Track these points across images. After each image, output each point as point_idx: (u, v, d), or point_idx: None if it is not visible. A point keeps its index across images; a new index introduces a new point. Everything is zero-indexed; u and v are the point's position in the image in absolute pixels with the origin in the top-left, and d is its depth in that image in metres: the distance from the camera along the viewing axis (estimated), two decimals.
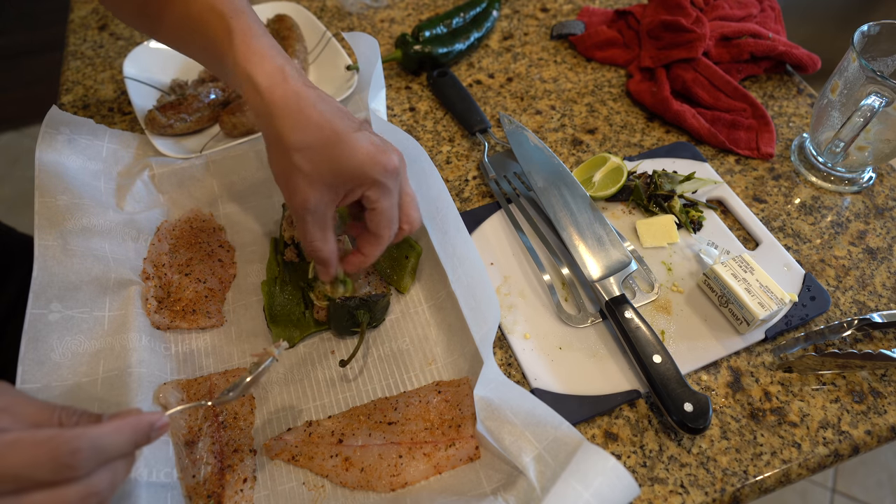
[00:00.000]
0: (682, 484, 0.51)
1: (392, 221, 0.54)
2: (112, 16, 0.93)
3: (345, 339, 0.60)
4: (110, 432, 0.36)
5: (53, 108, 0.66)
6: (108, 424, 0.36)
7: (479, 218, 0.69)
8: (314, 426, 0.54)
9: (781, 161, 0.75)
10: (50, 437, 0.34)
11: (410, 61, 0.84)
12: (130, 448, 0.38)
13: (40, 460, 0.33)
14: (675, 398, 0.52)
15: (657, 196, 0.68)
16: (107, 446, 0.36)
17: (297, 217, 0.53)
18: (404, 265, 0.64)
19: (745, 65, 0.82)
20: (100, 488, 0.35)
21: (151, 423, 0.38)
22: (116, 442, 0.36)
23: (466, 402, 0.54)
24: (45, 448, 0.33)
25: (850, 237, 0.68)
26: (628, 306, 0.57)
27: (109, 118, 0.79)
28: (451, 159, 0.76)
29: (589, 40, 0.87)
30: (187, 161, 0.69)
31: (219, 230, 0.67)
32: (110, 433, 0.36)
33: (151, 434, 0.39)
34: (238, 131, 0.72)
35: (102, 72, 0.85)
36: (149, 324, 0.58)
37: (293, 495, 0.51)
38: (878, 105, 0.61)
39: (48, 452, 0.33)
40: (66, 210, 0.60)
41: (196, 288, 0.62)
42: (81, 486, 0.34)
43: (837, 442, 0.54)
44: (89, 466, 0.35)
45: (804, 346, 0.58)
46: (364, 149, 0.50)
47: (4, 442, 0.33)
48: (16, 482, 0.33)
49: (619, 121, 0.80)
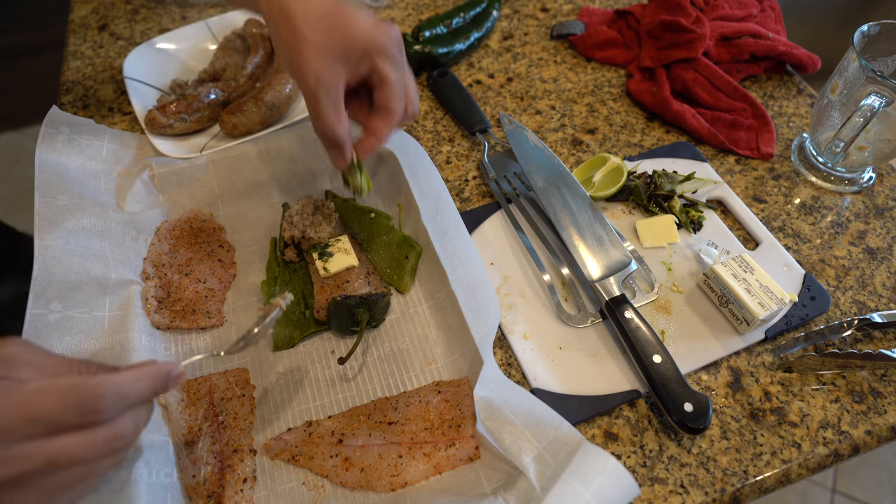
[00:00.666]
0: (682, 484, 0.51)
1: (401, 95, 0.53)
2: (112, 16, 0.93)
3: (345, 338, 0.60)
4: (130, 380, 0.38)
5: (54, 108, 0.66)
6: (129, 373, 0.39)
7: (479, 218, 0.69)
8: (314, 426, 0.54)
9: (781, 161, 0.75)
10: (75, 384, 0.36)
11: (410, 61, 0.83)
12: (149, 395, 0.40)
13: (67, 405, 0.35)
14: (675, 398, 0.52)
15: (657, 196, 0.68)
16: (128, 393, 0.38)
17: (309, 97, 0.51)
18: (404, 265, 0.64)
19: (745, 65, 0.82)
20: (124, 432, 0.38)
21: (168, 371, 0.41)
22: (137, 389, 0.38)
23: (466, 402, 0.54)
24: (72, 394, 0.35)
25: (850, 237, 0.68)
26: (628, 306, 0.57)
27: (109, 118, 0.79)
28: (451, 159, 0.76)
29: (589, 40, 0.87)
30: (187, 161, 0.69)
31: (219, 230, 0.67)
32: (130, 381, 0.38)
33: (169, 382, 0.41)
34: (238, 131, 0.72)
35: (102, 72, 0.85)
36: (149, 324, 0.58)
37: (293, 495, 0.51)
38: (878, 105, 0.61)
39: (74, 398, 0.35)
40: (66, 210, 0.60)
41: (196, 288, 0.62)
42: (107, 429, 0.37)
43: (837, 442, 0.54)
44: (113, 411, 0.37)
45: (804, 346, 0.58)
46: (368, 20, 0.51)
47: (32, 389, 0.35)
48: (47, 425, 0.35)
49: (619, 121, 0.80)
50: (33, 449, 0.35)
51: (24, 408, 0.35)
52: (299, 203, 0.66)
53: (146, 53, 0.81)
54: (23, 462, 0.35)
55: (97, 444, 0.36)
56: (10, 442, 0.34)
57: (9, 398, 0.35)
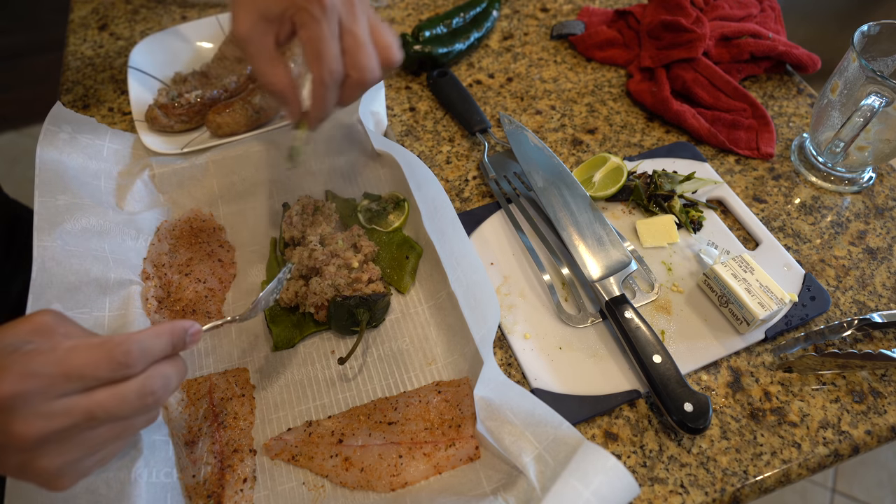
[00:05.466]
0: (682, 484, 0.51)
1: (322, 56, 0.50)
2: (112, 16, 0.93)
3: (345, 338, 0.60)
4: (152, 335, 0.41)
5: (57, 105, 0.66)
6: (149, 330, 0.42)
7: (479, 218, 0.69)
8: (314, 426, 0.54)
9: (781, 161, 0.75)
10: (104, 342, 0.39)
11: (410, 61, 0.84)
12: (170, 349, 0.42)
13: (99, 360, 0.38)
14: (675, 398, 0.52)
15: (657, 196, 0.68)
16: (151, 346, 0.41)
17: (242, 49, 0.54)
18: (404, 265, 0.64)
19: (745, 65, 0.82)
20: (154, 388, 0.40)
21: (185, 328, 0.44)
22: (158, 343, 0.41)
23: (466, 402, 0.54)
24: (102, 350, 0.38)
25: (850, 237, 0.68)
26: (628, 306, 0.57)
27: (109, 118, 0.79)
28: (451, 159, 0.76)
29: (589, 40, 0.87)
30: (187, 161, 0.69)
31: (219, 230, 0.67)
32: (152, 336, 0.41)
33: (186, 338, 0.44)
34: (223, 131, 0.72)
35: (102, 72, 0.85)
36: (149, 324, 0.58)
37: (293, 495, 0.51)
38: (878, 105, 0.61)
39: (105, 353, 0.38)
40: (65, 210, 0.60)
41: (196, 288, 0.62)
42: (137, 383, 0.39)
43: (837, 442, 0.54)
44: (141, 364, 0.40)
45: (804, 346, 0.58)
46: None
47: (66, 347, 0.38)
48: (82, 380, 0.38)
49: (619, 121, 0.80)
50: (72, 403, 0.37)
51: (61, 365, 0.37)
52: (299, 203, 0.66)
53: (154, 45, 0.81)
54: (64, 417, 0.37)
55: (129, 398, 0.39)
56: (50, 397, 0.37)
57: (48, 357, 0.37)
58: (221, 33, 0.85)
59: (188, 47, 0.84)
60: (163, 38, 0.83)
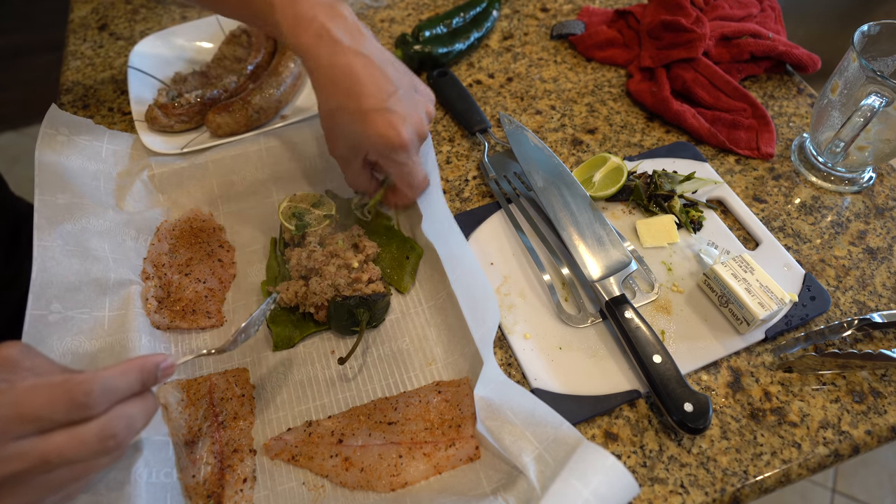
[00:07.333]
0: (682, 484, 0.51)
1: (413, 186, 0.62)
2: (112, 16, 0.93)
3: (345, 338, 0.60)
4: (118, 373, 0.39)
5: (53, 108, 0.66)
6: (116, 367, 0.40)
7: (479, 218, 0.69)
8: (314, 426, 0.54)
9: (781, 161, 0.75)
10: (64, 381, 0.37)
11: (410, 61, 0.83)
12: (139, 386, 0.41)
13: (57, 401, 0.36)
14: (675, 398, 0.52)
15: (657, 196, 0.68)
16: (116, 385, 0.39)
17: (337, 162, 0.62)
18: (404, 265, 0.64)
19: (745, 65, 0.82)
20: (116, 430, 0.38)
21: (156, 363, 0.42)
22: (124, 381, 0.39)
23: (466, 402, 0.54)
24: (60, 389, 0.36)
25: (851, 237, 0.68)
26: (628, 306, 0.57)
27: (109, 118, 0.79)
28: (451, 159, 0.76)
29: (589, 40, 0.87)
30: (187, 161, 0.69)
31: (219, 230, 0.67)
32: (118, 374, 0.39)
33: (158, 373, 0.42)
34: (223, 131, 0.72)
35: (102, 72, 0.85)
36: (149, 324, 0.58)
37: (293, 495, 0.51)
38: (878, 105, 0.61)
39: (64, 394, 0.36)
40: (65, 210, 0.60)
41: (196, 288, 0.62)
42: (97, 426, 0.37)
43: (837, 442, 0.54)
44: (103, 404, 0.38)
45: (804, 346, 0.58)
46: (376, 128, 0.55)
47: (23, 388, 0.36)
48: (37, 423, 0.36)
49: (619, 121, 0.80)
50: (25, 447, 0.35)
51: (15, 407, 0.35)
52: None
53: (154, 44, 0.81)
54: (18, 461, 0.35)
55: (88, 442, 0.37)
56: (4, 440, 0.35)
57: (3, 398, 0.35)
58: (221, 33, 0.85)
59: (188, 47, 0.84)
60: (163, 38, 0.83)
